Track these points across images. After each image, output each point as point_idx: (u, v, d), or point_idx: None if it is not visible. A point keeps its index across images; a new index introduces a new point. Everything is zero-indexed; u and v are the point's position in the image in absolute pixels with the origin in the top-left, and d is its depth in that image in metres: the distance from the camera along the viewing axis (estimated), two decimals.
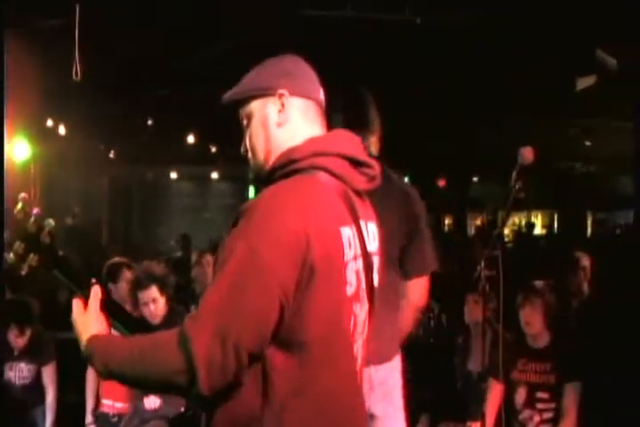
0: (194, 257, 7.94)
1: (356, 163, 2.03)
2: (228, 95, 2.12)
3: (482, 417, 3.83)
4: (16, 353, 5.40)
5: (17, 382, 5.45)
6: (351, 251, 1.93)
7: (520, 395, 4.29)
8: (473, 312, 5.05)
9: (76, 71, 5.10)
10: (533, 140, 3.41)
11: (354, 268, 1.95)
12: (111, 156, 13.28)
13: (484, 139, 11.27)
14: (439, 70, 7.50)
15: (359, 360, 2.03)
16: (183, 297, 6.85)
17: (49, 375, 5.24)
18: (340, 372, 1.95)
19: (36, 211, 9.09)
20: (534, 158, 3.04)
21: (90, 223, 13.47)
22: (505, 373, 4.21)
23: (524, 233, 17.15)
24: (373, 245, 2.09)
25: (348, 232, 1.94)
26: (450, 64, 7.29)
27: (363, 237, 2.01)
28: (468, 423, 4.42)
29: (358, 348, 2.02)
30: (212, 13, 5.81)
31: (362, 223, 2.02)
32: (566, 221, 18.55)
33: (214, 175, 16.23)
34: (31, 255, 1.93)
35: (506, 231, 12.75)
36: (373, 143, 3.50)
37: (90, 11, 5.26)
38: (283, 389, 1.85)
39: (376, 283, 2.08)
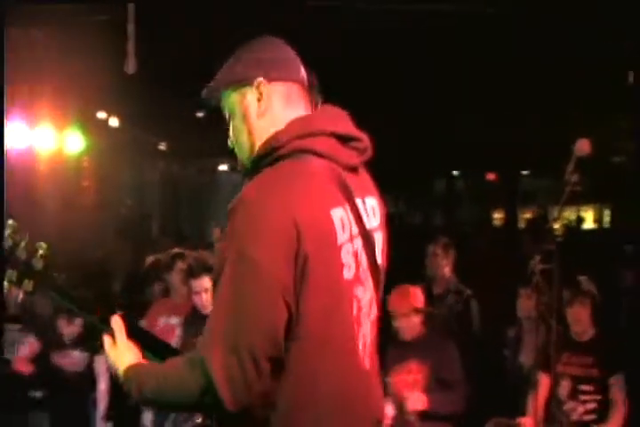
0: None
1: (343, 138, 1.96)
2: (205, 92, 2.07)
3: (532, 411, 3.83)
4: (67, 341, 5.47)
5: (69, 370, 5.53)
6: (345, 233, 1.88)
7: (564, 387, 4.33)
8: (526, 306, 5.03)
9: (130, 65, 5.14)
10: (586, 134, 3.38)
11: (350, 250, 1.90)
12: (162, 148, 13.39)
13: (535, 132, 11.15)
14: (494, 62, 7.44)
15: (367, 344, 1.97)
16: None
17: (102, 364, 5.30)
18: (342, 359, 1.90)
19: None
20: (590, 151, 3.01)
21: (140, 215, 13.61)
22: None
23: (574, 228, 16.96)
24: (374, 220, 2.02)
25: (340, 213, 1.88)
26: (503, 56, 7.23)
27: (359, 215, 1.94)
28: (519, 419, 4.41)
29: (366, 331, 1.96)
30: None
31: (358, 201, 1.95)
32: (619, 215, 18.29)
33: None
34: (25, 281, 1.97)
35: (556, 226, 12.55)
36: None
37: (144, 4, 5.30)
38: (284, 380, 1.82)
39: (380, 260, 2.02)
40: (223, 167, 16.09)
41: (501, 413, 4.73)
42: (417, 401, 4.41)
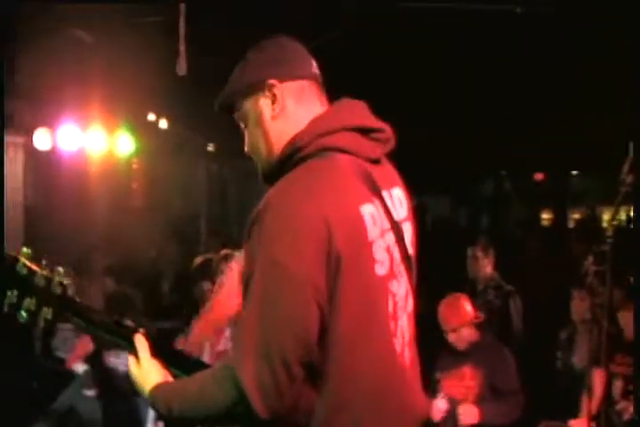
0: None
1: (364, 131, 1.93)
2: (218, 101, 2.04)
3: (585, 412, 3.80)
4: None
5: (122, 370, 5.58)
6: (376, 228, 1.85)
7: (617, 387, 4.31)
8: (579, 308, 4.99)
9: (181, 66, 5.17)
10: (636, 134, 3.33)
11: (382, 245, 1.87)
12: (210, 149, 13.45)
13: (585, 132, 11.03)
14: (543, 63, 7.37)
15: (406, 339, 1.95)
16: None
17: None
18: (379, 358, 1.87)
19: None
20: None
21: (189, 216, 13.69)
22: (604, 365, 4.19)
23: (625, 228, 16.73)
24: (401, 211, 1.99)
25: (370, 209, 1.85)
26: (554, 57, 7.16)
27: (388, 208, 1.92)
28: (571, 421, 4.37)
29: (404, 325, 1.94)
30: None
31: (385, 193, 1.93)
32: None
33: None
34: (44, 309, 1.97)
35: (608, 226, 12.42)
36: None
37: (195, 7, 5.32)
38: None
39: (411, 250, 1.99)
40: None
41: (553, 415, 4.69)
42: (469, 415, 4.38)
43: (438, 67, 7.61)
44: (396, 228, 1.93)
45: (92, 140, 8.31)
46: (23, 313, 2.10)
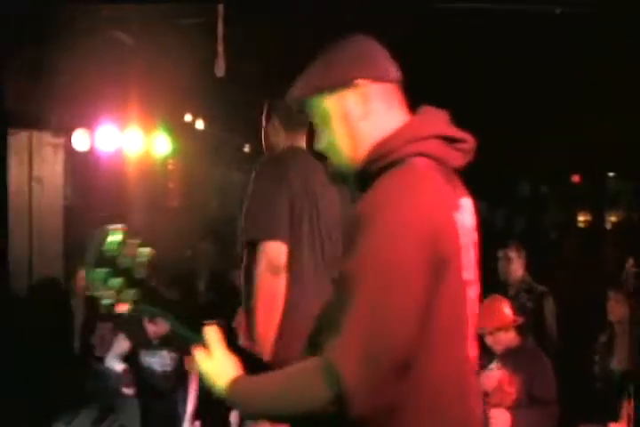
0: None
1: (450, 140, 1.91)
2: (297, 93, 1.98)
3: (626, 417, 3.76)
4: (155, 341, 5.56)
5: (158, 369, 5.62)
6: (464, 234, 1.85)
7: None
8: (616, 310, 4.94)
9: (220, 67, 5.19)
10: None
11: (467, 251, 1.87)
12: (246, 150, 13.51)
13: (622, 133, 10.93)
14: (580, 64, 7.33)
15: (474, 343, 1.95)
16: None
17: (192, 364, 5.37)
18: (461, 363, 1.87)
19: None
20: None
21: (225, 216, 13.76)
22: None
23: None
24: (472, 220, 1.98)
25: (459, 215, 1.85)
26: (590, 58, 7.12)
27: (467, 215, 1.92)
28: (610, 424, 4.33)
29: (472, 330, 1.94)
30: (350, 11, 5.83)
31: (462, 201, 1.93)
32: None
33: None
34: (128, 290, 1.94)
35: None
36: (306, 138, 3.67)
37: (233, 8, 5.34)
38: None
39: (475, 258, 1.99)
40: None
41: (591, 419, 4.65)
42: (501, 420, 4.33)
43: (473, 68, 7.59)
44: (472, 235, 1.95)
45: (129, 140, 8.38)
46: (108, 294, 2.03)
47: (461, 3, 5.73)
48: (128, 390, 5.57)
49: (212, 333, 1.97)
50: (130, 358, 5.83)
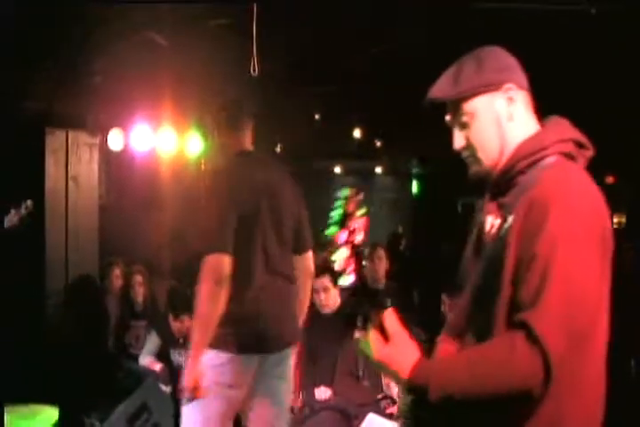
0: (366, 251, 8.03)
1: (580, 146, 2.06)
2: (445, 93, 2.10)
3: None
4: (180, 340, 5.60)
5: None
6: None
7: None
8: None
9: (253, 67, 5.22)
10: None
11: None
12: (277, 150, 13.53)
13: None
14: (614, 64, 7.27)
15: None
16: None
17: None
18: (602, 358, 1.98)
19: None
20: None
21: None
22: None
23: None
24: None
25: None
26: (624, 57, 7.06)
27: None
28: None
29: None
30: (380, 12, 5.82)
31: None
32: None
33: (378, 170, 16.26)
34: None
35: None
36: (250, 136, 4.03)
37: (267, 7, 5.36)
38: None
39: None
40: (337, 170, 16.16)
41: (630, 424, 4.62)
42: None
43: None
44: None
45: (163, 140, 8.43)
46: None
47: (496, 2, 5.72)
48: (166, 388, 5.62)
49: (390, 317, 1.96)
50: (162, 355, 5.88)
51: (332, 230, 15.29)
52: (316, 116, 10.56)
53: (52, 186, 7.69)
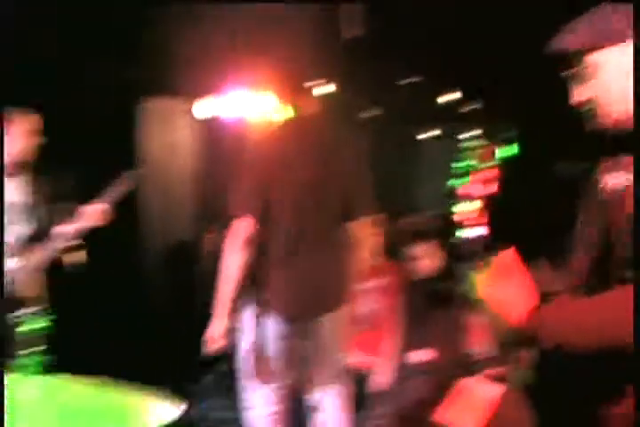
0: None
1: None
2: (571, 44, 2.04)
3: None
4: None
5: None
6: None
7: None
8: None
9: (349, 30, 5.17)
10: None
11: None
12: (370, 115, 13.43)
13: None
14: None
15: None
16: None
17: None
18: None
19: None
20: None
21: None
22: None
23: None
24: None
25: None
26: None
27: None
28: None
29: None
30: None
31: None
32: None
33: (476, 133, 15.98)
34: None
35: None
36: None
37: None
38: None
39: None
40: (425, 136, 15.91)
41: None
42: None
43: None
44: None
45: (256, 107, 8.43)
46: None
47: None
48: None
49: (510, 256, 1.95)
50: None
51: (456, 182, 15.10)
52: (414, 80, 10.43)
53: (148, 153, 7.80)
